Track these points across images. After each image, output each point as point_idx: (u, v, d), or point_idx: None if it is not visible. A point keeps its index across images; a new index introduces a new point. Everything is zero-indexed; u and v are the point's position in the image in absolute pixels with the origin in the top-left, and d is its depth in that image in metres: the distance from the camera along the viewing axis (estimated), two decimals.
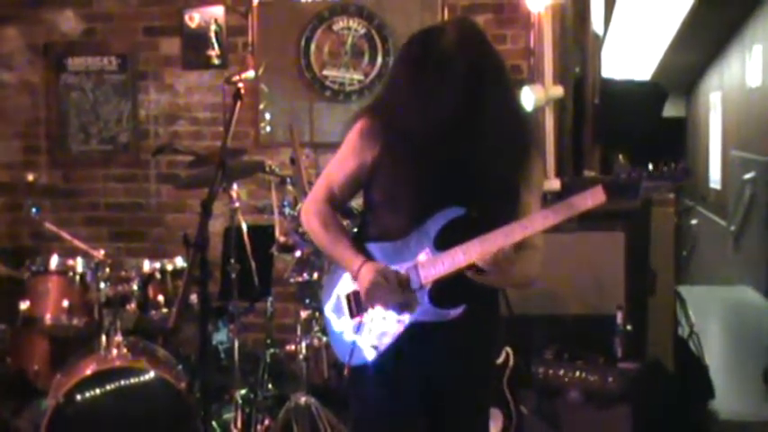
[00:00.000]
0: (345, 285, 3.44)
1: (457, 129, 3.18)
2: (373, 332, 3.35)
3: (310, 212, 3.48)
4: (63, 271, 5.49)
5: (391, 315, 3.32)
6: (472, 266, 3.18)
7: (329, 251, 3.46)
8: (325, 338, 5.18)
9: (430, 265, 3.26)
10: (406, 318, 3.30)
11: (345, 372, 3.43)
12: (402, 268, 3.30)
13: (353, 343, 3.38)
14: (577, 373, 5.19)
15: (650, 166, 3.01)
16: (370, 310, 3.35)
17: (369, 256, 3.35)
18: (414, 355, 3.33)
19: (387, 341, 3.33)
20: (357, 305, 3.39)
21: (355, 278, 3.33)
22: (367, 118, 3.37)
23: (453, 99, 3.16)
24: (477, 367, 3.49)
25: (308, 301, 5.31)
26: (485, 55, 3.26)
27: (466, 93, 3.17)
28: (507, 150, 3.26)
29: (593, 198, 3.07)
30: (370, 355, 3.35)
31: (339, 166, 3.43)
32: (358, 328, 3.37)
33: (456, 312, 3.25)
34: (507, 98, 3.33)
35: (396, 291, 3.26)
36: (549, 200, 5.81)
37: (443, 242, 3.24)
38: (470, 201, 3.23)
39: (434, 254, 3.25)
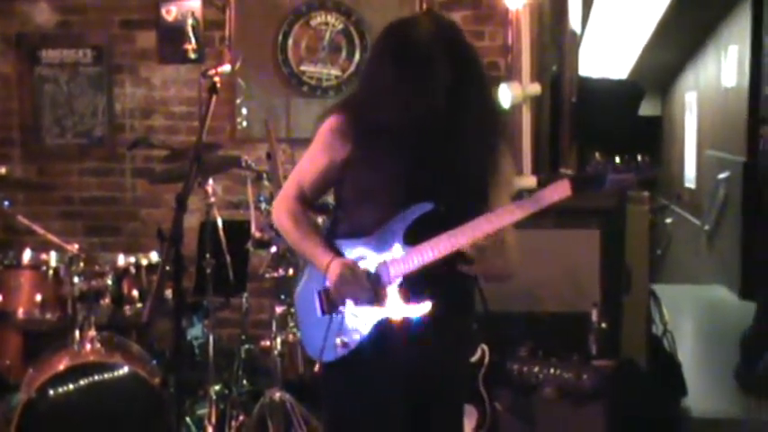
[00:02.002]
0: (317, 282, 3.43)
1: (433, 125, 3.18)
2: (344, 329, 3.34)
3: (281, 210, 3.48)
4: (36, 265, 5.46)
5: (362, 312, 3.32)
6: (457, 256, 3.18)
7: (299, 248, 3.46)
8: (299, 334, 5.16)
9: (399, 261, 3.27)
10: (377, 314, 3.29)
11: (317, 368, 3.42)
12: (372, 264, 3.30)
13: (324, 339, 3.37)
14: (552, 371, 5.20)
15: (617, 159, 3.02)
16: (340, 307, 3.34)
17: (339, 253, 3.36)
18: (385, 351, 3.32)
19: (357, 338, 3.33)
20: (328, 302, 3.39)
21: (325, 273, 3.32)
22: (338, 115, 3.36)
23: (434, 95, 3.15)
24: (450, 363, 3.49)
25: (283, 296, 5.31)
26: (464, 50, 3.26)
27: (446, 89, 3.16)
28: (480, 147, 3.26)
29: (558, 192, 3.08)
30: (340, 352, 3.34)
31: (310, 163, 3.42)
32: (329, 325, 3.37)
33: (425, 309, 3.25)
34: (484, 94, 3.34)
35: (364, 285, 3.27)
36: (525, 197, 5.82)
37: (413, 237, 3.24)
38: (441, 197, 3.23)
39: (404, 249, 3.26)
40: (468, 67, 3.24)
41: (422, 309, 3.26)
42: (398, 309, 3.28)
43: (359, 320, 3.32)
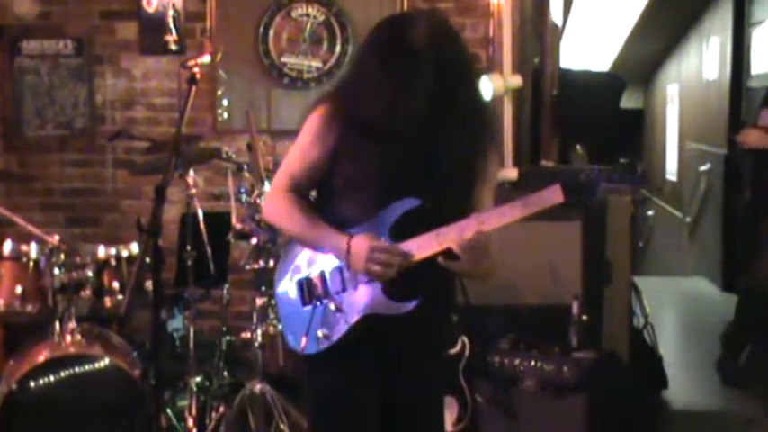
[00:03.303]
0: (298, 272, 3.42)
1: (423, 121, 3.16)
2: (326, 322, 3.33)
3: (277, 202, 3.41)
4: (17, 257, 5.42)
5: (345, 305, 3.30)
6: (444, 252, 3.17)
7: (306, 235, 3.36)
8: (280, 326, 5.16)
9: None
10: (360, 309, 3.28)
11: (302, 346, 3.39)
12: None
13: (306, 332, 3.36)
14: (533, 363, 5.21)
15: (609, 166, 3.01)
16: (323, 299, 3.33)
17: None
18: (368, 345, 3.32)
19: (340, 331, 3.31)
20: (310, 293, 3.37)
21: (345, 253, 3.24)
22: (327, 104, 3.33)
23: (423, 92, 3.13)
24: (431, 356, 3.50)
25: (263, 288, 5.30)
26: (456, 50, 3.25)
27: (436, 87, 3.14)
28: (469, 144, 3.26)
29: (550, 197, 3.06)
30: (322, 345, 3.33)
31: (300, 154, 3.38)
32: (311, 317, 3.36)
33: (409, 306, 3.24)
34: (474, 93, 3.34)
35: (395, 251, 3.20)
36: (507, 188, 5.83)
37: (399, 233, 3.23)
38: (427, 192, 3.22)
39: (390, 244, 3.24)
40: (457, 67, 3.22)
41: (405, 306, 3.25)
42: (382, 305, 3.27)
43: (341, 314, 3.31)
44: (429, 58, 3.13)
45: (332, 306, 3.31)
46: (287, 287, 3.46)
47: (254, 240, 5.29)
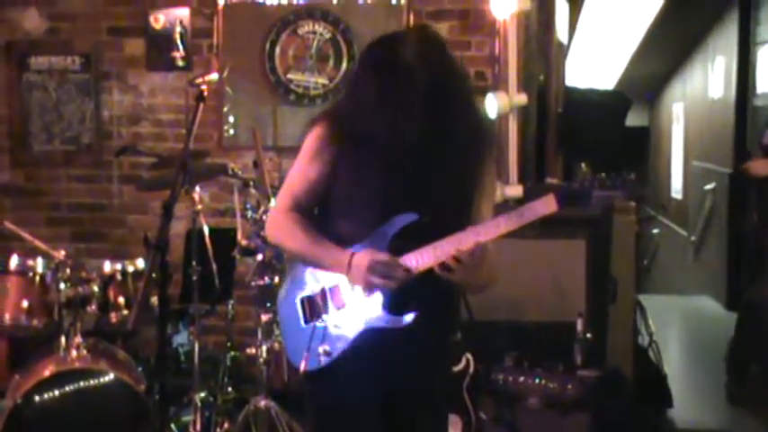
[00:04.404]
0: (300, 289, 3.42)
1: (419, 138, 3.18)
2: (327, 337, 3.34)
3: (279, 222, 3.42)
4: (23, 271, 5.43)
5: (345, 321, 3.31)
6: (440, 264, 3.18)
7: (308, 252, 3.36)
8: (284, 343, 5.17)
9: None
10: (360, 324, 3.30)
11: (301, 372, 3.41)
12: None
13: (307, 348, 3.37)
14: (537, 380, 5.21)
15: (603, 175, 3.03)
16: (324, 316, 3.34)
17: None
18: (368, 360, 3.32)
19: (340, 346, 3.32)
20: (311, 310, 3.38)
21: (346, 269, 3.25)
22: (324, 123, 3.35)
23: (418, 110, 3.15)
24: (433, 372, 3.50)
25: (268, 304, 5.31)
26: (448, 65, 3.26)
27: (430, 103, 3.16)
28: (466, 160, 3.27)
29: (544, 206, 3.09)
30: (323, 361, 3.34)
31: (300, 173, 3.39)
32: (312, 334, 3.37)
33: (409, 319, 3.25)
34: (469, 108, 3.34)
35: (397, 264, 3.22)
36: (511, 207, 5.83)
37: (398, 247, 3.24)
38: (425, 207, 3.23)
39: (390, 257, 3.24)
40: (453, 84, 3.24)
41: (405, 319, 3.26)
42: (381, 319, 3.28)
43: (342, 330, 3.32)
44: (421, 73, 3.15)
45: (332, 322, 3.33)
46: (290, 305, 3.47)
47: (259, 256, 5.29)
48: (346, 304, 3.32)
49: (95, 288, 5.38)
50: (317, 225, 3.41)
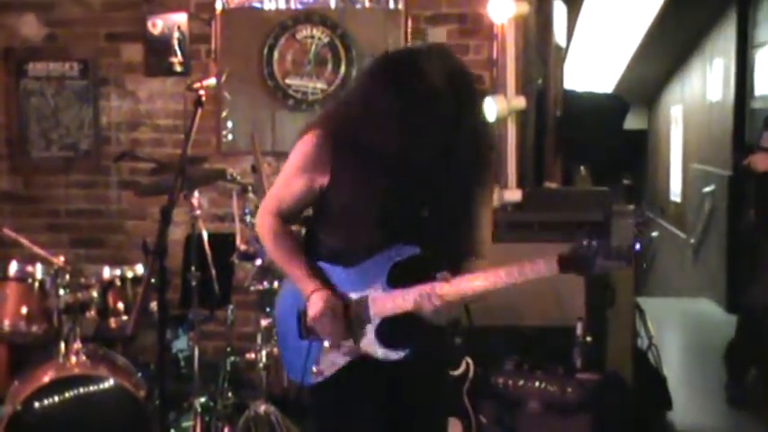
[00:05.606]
0: (296, 299, 3.40)
1: (431, 160, 3.14)
2: (320, 357, 3.35)
3: (263, 224, 3.43)
4: (22, 277, 5.43)
5: (339, 347, 3.32)
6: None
7: (281, 267, 3.41)
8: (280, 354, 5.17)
9: (381, 301, 3.23)
10: (353, 351, 3.29)
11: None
12: (354, 297, 3.29)
13: (304, 364, 3.37)
14: (537, 384, 5.21)
15: (608, 243, 3.02)
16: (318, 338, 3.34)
17: (321, 276, 3.32)
18: (361, 383, 3.34)
19: (332, 369, 3.34)
20: (306, 326, 3.36)
21: (306, 301, 3.28)
22: (320, 130, 3.29)
23: (432, 140, 3.10)
24: (432, 382, 3.50)
25: (268, 309, 5.30)
26: (471, 100, 3.20)
27: (446, 135, 3.12)
28: (468, 187, 3.27)
29: (546, 269, 3.06)
30: (315, 379, 3.36)
31: (285, 184, 3.37)
32: (307, 352, 3.36)
33: (400, 354, 3.24)
34: (481, 132, 3.31)
35: (340, 329, 3.25)
36: (510, 210, 5.85)
37: (396, 279, 3.21)
38: (426, 233, 3.21)
39: (386, 290, 3.22)
40: (471, 122, 3.19)
41: (398, 354, 3.24)
42: (375, 349, 3.26)
43: (336, 352, 3.33)
44: (445, 107, 3.08)
45: (326, 344, 3.33)
46: (284, 316, 3.48)
47: (258, 261, 5.29)
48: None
49: (94, 294, 5.38)
50: (313, 229, 3.41)
